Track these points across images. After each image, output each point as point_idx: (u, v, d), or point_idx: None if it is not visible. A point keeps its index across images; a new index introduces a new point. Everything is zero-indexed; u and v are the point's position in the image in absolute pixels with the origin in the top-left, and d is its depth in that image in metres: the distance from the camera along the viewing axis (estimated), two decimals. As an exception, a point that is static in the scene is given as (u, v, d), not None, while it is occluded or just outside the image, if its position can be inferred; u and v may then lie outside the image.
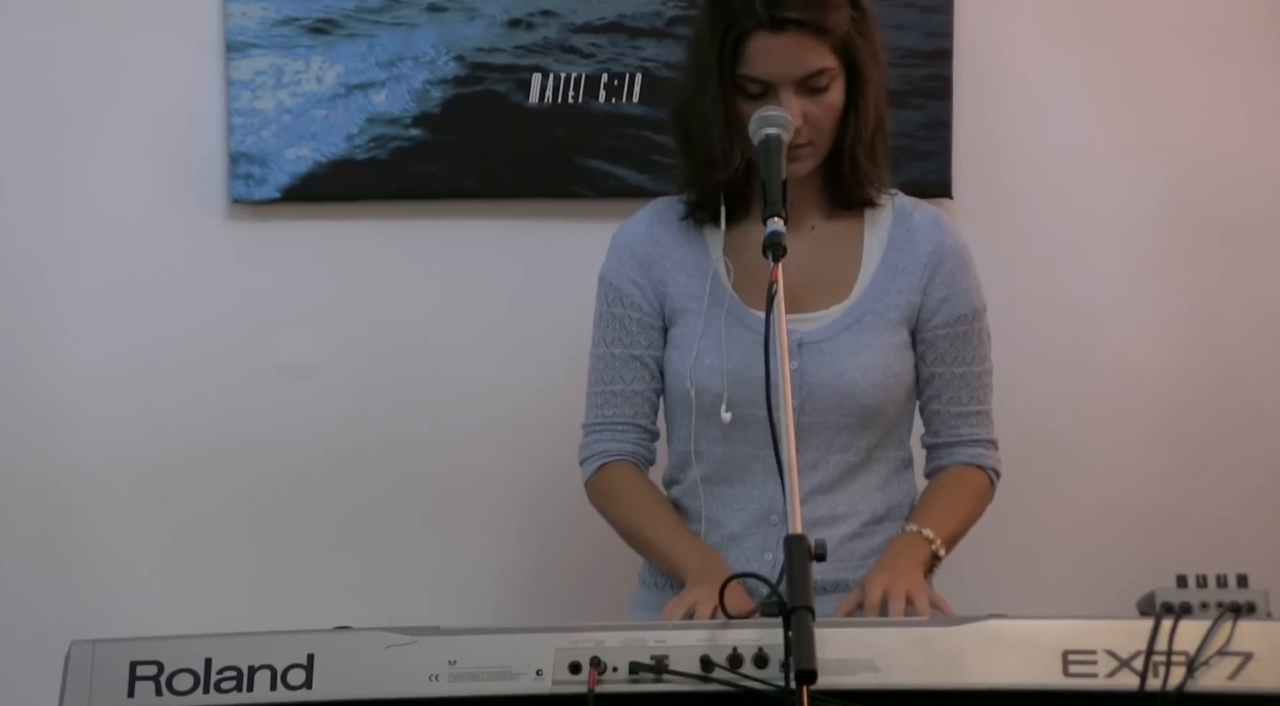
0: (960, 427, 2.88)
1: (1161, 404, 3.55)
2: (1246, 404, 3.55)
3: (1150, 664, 2.36)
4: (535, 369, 3.38)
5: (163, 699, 2.37)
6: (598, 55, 3.40)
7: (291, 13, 3.36)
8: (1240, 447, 3.55)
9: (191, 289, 3.39)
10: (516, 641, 2.41)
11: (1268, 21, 3.54)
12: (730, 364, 2.78)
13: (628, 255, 2.89)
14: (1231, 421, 3.55)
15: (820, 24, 2.70)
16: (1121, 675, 2.38)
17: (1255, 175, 3.54)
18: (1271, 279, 3.56)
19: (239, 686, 2.37)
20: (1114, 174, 3.53)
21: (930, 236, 2.87)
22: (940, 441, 2.89)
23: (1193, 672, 2.36)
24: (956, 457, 2.88)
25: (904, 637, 2.44)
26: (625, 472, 2.87)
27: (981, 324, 2.89)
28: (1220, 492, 3.53)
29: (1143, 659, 2.37)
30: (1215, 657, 2.36)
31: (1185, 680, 2.35)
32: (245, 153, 3.37)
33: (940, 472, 2.88)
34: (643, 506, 2.86)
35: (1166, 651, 2.36)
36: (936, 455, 2.90)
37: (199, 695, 2.37)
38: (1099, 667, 2.38)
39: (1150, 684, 2.36)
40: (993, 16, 3.47)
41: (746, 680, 2.36)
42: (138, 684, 2.37)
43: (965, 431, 2.88)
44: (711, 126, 2.76)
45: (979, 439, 2.88)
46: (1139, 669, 2.37)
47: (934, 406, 2.88)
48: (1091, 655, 2.39)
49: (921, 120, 3.41)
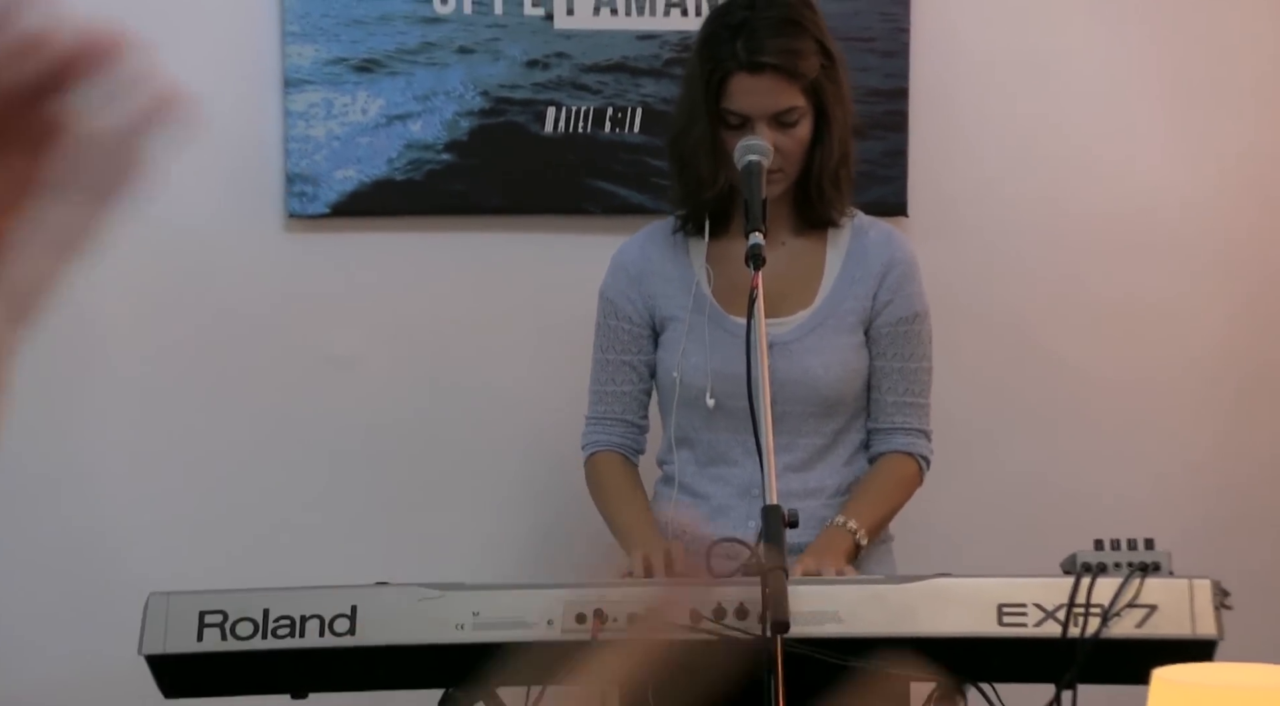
0: (896, 416, 2.86)
1: (1086, 394, 3.54)
2: (1161, 395, 3.54)
3: (1071, 615, 2.40)
4: (549, 362, 3.37)
5: (227, 642, 2.40)
6: (604, 91, 3.39)
7: (341, 53, 3.34)
8: (1151, 431, 3.54)
9: (254, 290, 3.39)
10: (531, 596, 2.44)
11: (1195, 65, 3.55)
12: (713, 363, 2.78)
13: (622, 274, 2.90)
14: (1146, 409, 3.54)
15: (792, 68, 2.72)
16: (1047, 624, 2.41)
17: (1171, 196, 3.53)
18: (1188, 284, 3.54)
19: (292, 633, 2.40)
20: (1050, 194, 3.52)
21: (883, 250, 2.87)
22: (879, 427, 2.87)
23: (1107, 622, 2.39)
24: (892, 445, 2.85)
25: (864, 593, 2.47)
26: (609, 461, 2.88)
27: (923, 326, 2.87)
28: (1133, 469, 3.52)
29: (1065, 611, 2.40)
30: (1126, 609, 2.39)
31: (1101, 628, 2.39)
32: (300, 174, 3.36)
33: (877, 459, 2.86)
34: (614, 491, 2.87)
35: (1085, 604, 2.40)
36: (875, 439, 2.88)
37: (258, 640, 2.40)
38: (1028, 618, 2.41)
39: (1071, 632, 2.39)
40: (944, 60, 3.46)
41: (729, 630, 2.39)
42: (205, 630, 2.40)
43: (901, 419, 2.86)
44: (699, 153, 2.77)
45: (913, 427, 2.86)
46: (1062, 619, 2.41)
47: (875, 395, 2.86)
48: (1022, 608, 2.42)
49: (882, 149, 3.38)
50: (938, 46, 3.46)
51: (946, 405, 2.92)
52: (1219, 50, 3.53)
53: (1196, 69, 3.53)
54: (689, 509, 2.81)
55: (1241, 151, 3.54)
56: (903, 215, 3.41)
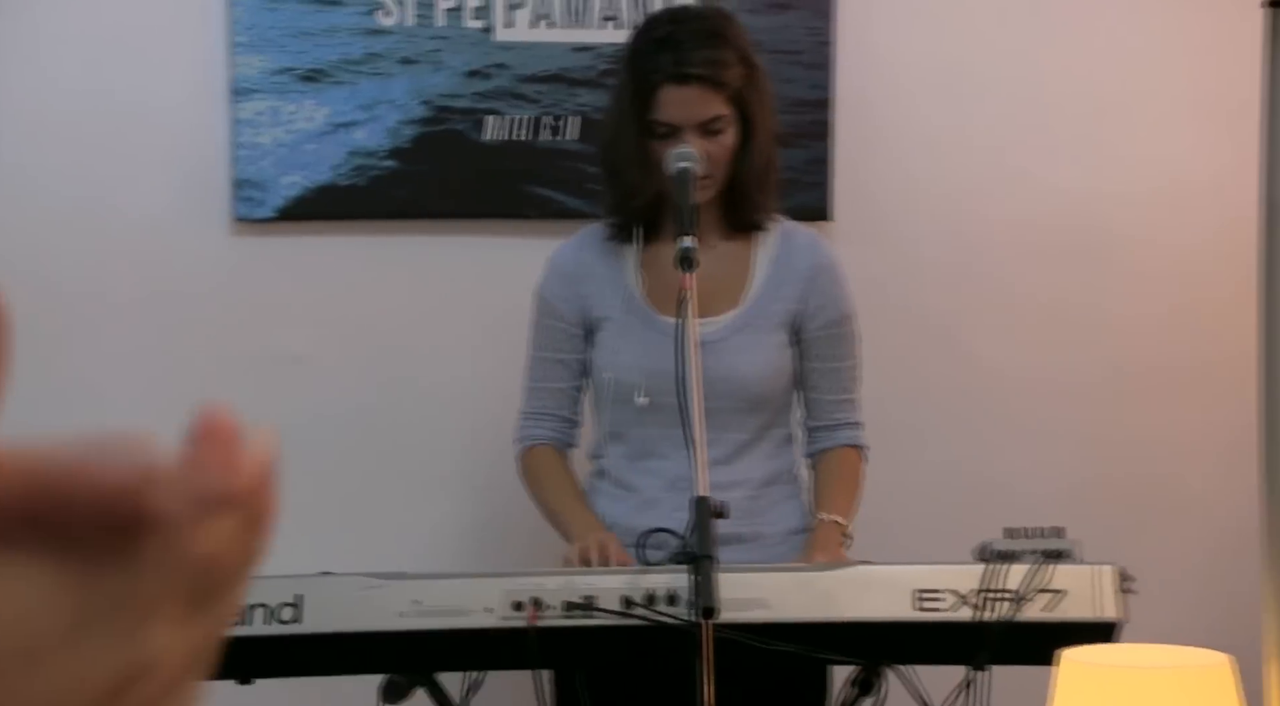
0: (836, 412, 2.89)
1: (1000, 390, 3.55)
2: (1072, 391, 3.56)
3: (984, 600, 2.44)
4: (489, 361, 3.34)
5: None
6: (542, 101, 3.39)
7: (287, 64, 3.34)
8: (1062, 426, 3.55)
9: (202, 292, 3.38)
10: (470, 584, 2.45)
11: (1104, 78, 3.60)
12: (644, 361, 2.79)
13: (558, 275, 2.91)
14: (1058, 405, 3.55)
15: (717, 79, 2.73)
16: (962, 609, 2.44)
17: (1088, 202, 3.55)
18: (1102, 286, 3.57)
19: (240, 621, 2.40)
20: (968, 200, 3.54)
21: (809, 254, 2.89)
22: (820, 425, 2.90)
23: (1018, 606, 2.42)
24: (837, 440, 2.88)
25: (789, 580, 2.49)
26: (544, 455, 2.88)
27: (852, 327, 2.91)
28: (1044, 461, 3.54)
29: (978, 596, 2.44)
30: (1035, 594, 2.41)
31: (1012, 612, 2.43)
32: (247, 179, 3.34)
33: (824, 454, 2.89)
34: (550, 482, 2.87)
35: (998, 590, 2.43)
36: (817, 437, 2.91)
37: None
38: (944, 603, 2.44)
39: (984, 616, 2.43)
40: (865, 72, 3.48)
41: (660, 615, 2.41)
42: (155, 619, 2.41)
43: (840, 416, 2.89)
44: (629, 161, 2.78)
45: (851, 422, 2.90)
46: (975, 604, 2.43)
47: (813, 395, 2.89)
48: (938, 593, 2.44)
49: (806, 157, 3.40)
50: (860, 59, 3.48)
51: (869, 401, 2.93)
52: (1134, 59, 3.56)
53: (1112, 78, 3.56)
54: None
55: (1157, 158, 3.57)
56: (827, 220, 3.43)
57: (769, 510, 2.84)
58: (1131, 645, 2.23)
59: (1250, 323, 2.61)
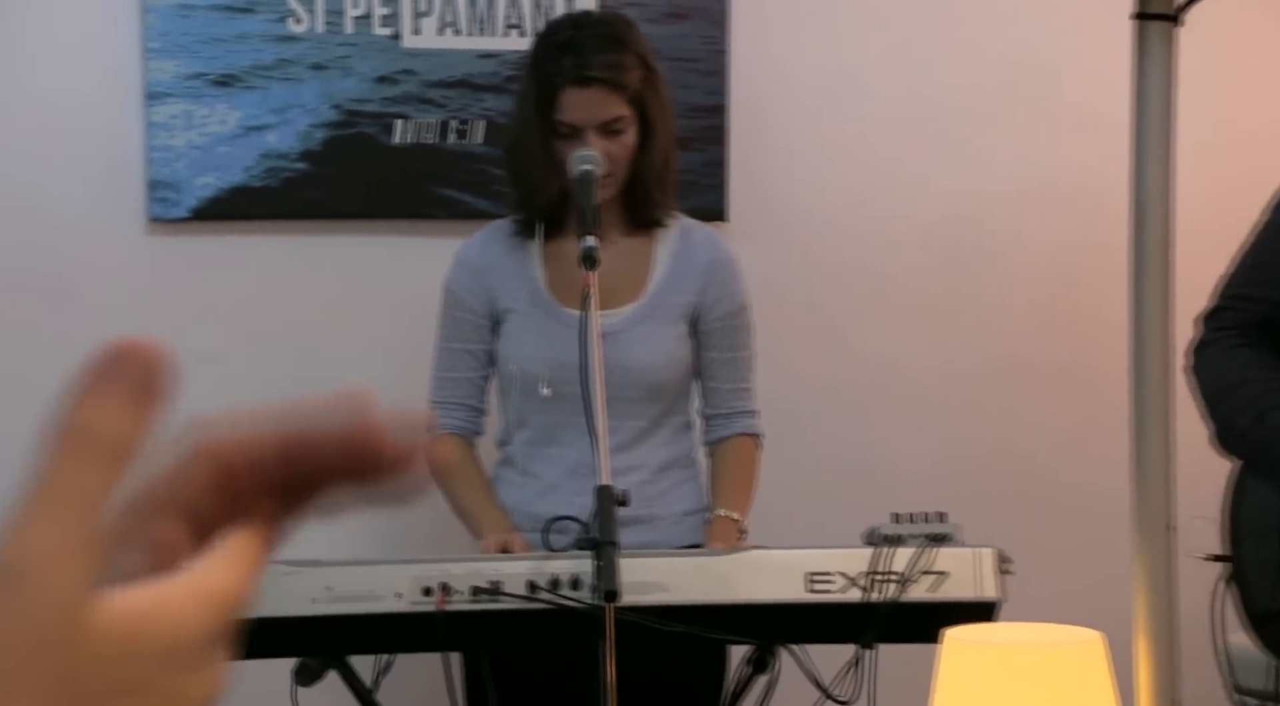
0: (733, 401, 2.91)
1: (887, 380, 3.58)
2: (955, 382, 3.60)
3: (872, 582, 2.47)
4: (398, 354, 3.34)
5: None
6: (448, 105, 3.39)
7: (200, 69, 3.32)
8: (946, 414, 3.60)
9: (118, 290, 3.35)
10: (380, 570, 2.44)
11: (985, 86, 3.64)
12: (548, 352, 2.80)
13: (465, 269, 2.91)
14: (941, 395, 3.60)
15: (617, 81, 2.75)
16: (851, 591, 2.45)
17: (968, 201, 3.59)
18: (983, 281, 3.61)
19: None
20: (856, 199, 3.57)
21: (707, 251, 2.91)
22: (717, 413, 2.92)
23: (904, 588, 2.45)
24: (734, 428, 2.91)
25: (687, 565, 2.50)
26: (450, 445, 2.85)
27: (747, 318, 2.93)
28: (928, 449, 3.58)
29: (866, 578, 2.47)
30: (920, 576, 2.44)
31: (898, 593, 2.46)
32: (162, 181, 3.33)
33: (722, 443, 2.91)
34: (458, 475, 2.84)
35: (884, 572, 2.46)
36: (715, 425, 2.93)
37: None
38: (834, 585, 2.45)
39: (872, 597, 2.46)
40: (759, 78, 3.50)
41: (565, 599, 2.41)
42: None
43: (737, 404, 2.91)
44: (533, 161, 2.79)
45: (747, 410, 2.92)
46: (864, 585, 2.46)
47: (710, 384, 2.91)
48: (829, 576, 2.46)
49: (703, 160, 3.42)
50: (753, 67, 3.50)
51: (762, 391, 2.96)
52: (1012, 68, 3.60)
53: (990, 86, 3.60)
54: None
55: (1033, 161, 3.62)
56: (723, 220, 3.45)
57: (666, 493, 2.86)
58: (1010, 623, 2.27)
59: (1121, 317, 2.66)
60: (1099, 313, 3.48)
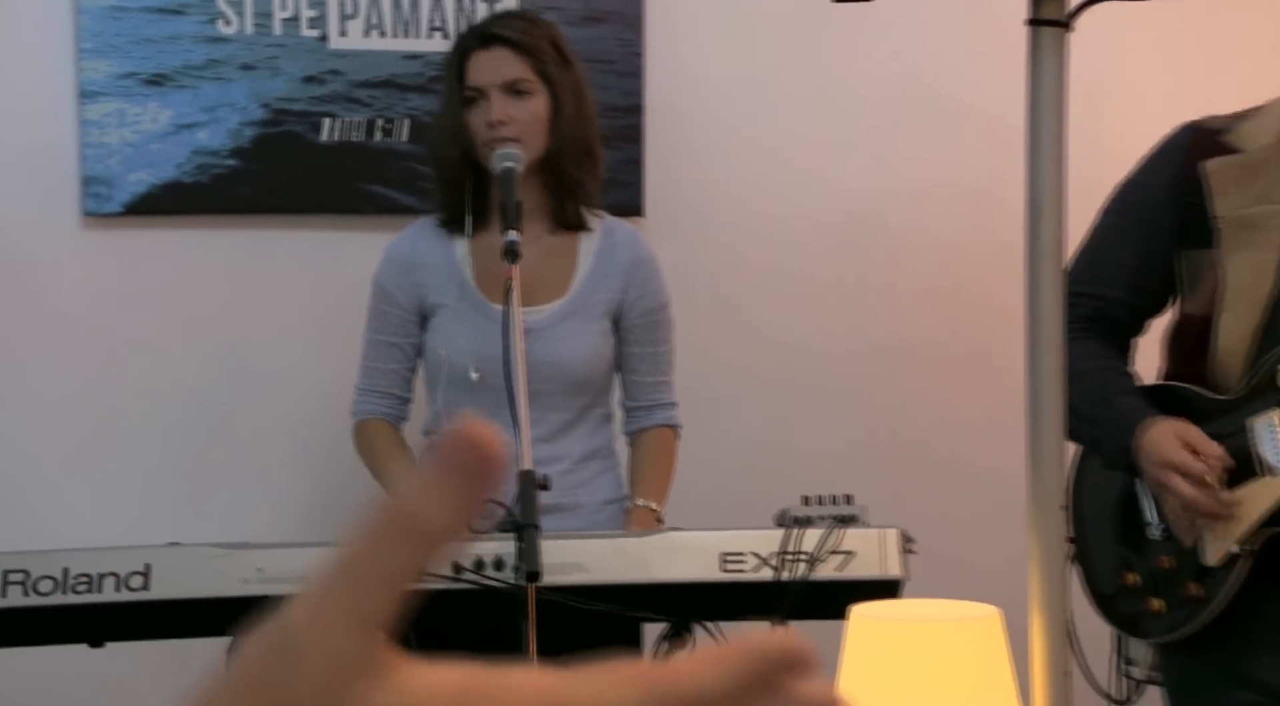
0: (653, 393, 2.93)
1: (795, 368, 3.60)
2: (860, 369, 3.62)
3: (783, 561, 2.48)
4: (327, 346, 3.34)
5: (29, 598, 2.34)
6: (374, 105, 3.39)
7: (133, 68, 3.30)
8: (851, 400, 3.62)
9: (54, 284, 3.33)
10: (309, 553, 2.40)
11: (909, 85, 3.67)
12: (475, 345, 2.80)
13: (394, 264, 2.91)
14: (847, 382, 3.61)
15: (518, 41, 2.76)
16: (763, 570, 2.46)
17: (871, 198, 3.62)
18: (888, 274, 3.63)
19: (90, 589, 2.36)
20: (765, 196, 3.59)
21: (629, 249, 2.92)
22: (638, 405, 2.94)
23: (813, 567, 2.47)
24: (654, 420, 2.92)
25: (606, 546, 2.50)
26: (376, 427, 2.89)
27: (667, 315, 2.95)
28: (835, 434, 3.60)
29: (778, 558, 2.48)
30: (829, 555, 2.45)
31: (808, 572, 2.48)
32: (95, 177, 3.31)
33: (642, 433, 2.93)
34: (383, 451, 2.87)
35: (795, 552, 2.48)
36: (635, 416, 2.95)
37: (58, 595, 2.35)
38: (747, 565, 2.46)
39: (783, 576, 2.48)
40: (673, 80, 3.51)
41: (488, 579, 2.41)
42: (9, 587, 2.35)
43: (657, 396, 2.93)
44: (445, 134, 2.80)
45: (666, 402, 2.94)
46: (775, 565, 2.48)
47: (632, 378, 2.93)
48: (741, 556, 2.46)
49: (620, 158, 3.43)
50: (668, 68, 3.52)
51: (679, 385, 2.98)
52: (913, 72, 3.63)
53: (893, 89, 3.63)
54: None
55: (933, 161, 3.65)
56: (639, 215, 3.47)
57: (587, 483, 2.87)
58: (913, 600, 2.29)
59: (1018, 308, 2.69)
60: (996, 304, 3.52)
